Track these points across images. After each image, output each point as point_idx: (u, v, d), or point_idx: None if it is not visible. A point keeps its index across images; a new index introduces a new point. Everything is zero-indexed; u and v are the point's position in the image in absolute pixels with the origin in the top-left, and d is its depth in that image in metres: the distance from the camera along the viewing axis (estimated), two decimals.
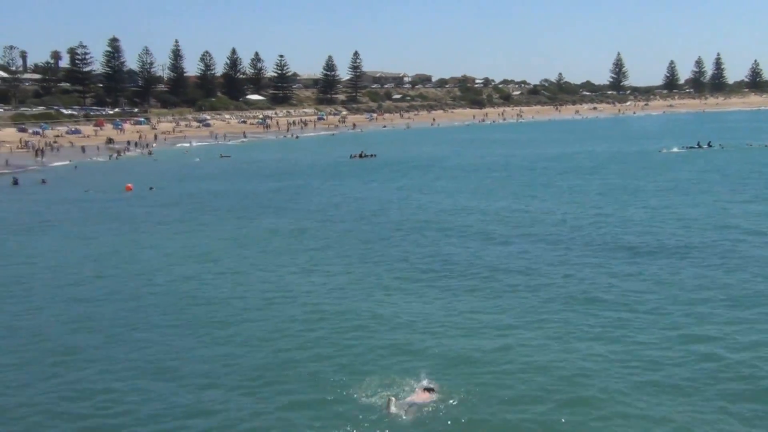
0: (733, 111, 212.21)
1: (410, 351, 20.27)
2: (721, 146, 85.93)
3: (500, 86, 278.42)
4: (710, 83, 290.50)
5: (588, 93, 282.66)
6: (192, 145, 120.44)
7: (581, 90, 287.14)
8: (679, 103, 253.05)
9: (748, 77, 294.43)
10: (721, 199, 45.80)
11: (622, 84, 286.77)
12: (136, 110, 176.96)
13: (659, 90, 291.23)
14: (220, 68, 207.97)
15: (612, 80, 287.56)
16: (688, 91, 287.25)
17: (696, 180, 56.35)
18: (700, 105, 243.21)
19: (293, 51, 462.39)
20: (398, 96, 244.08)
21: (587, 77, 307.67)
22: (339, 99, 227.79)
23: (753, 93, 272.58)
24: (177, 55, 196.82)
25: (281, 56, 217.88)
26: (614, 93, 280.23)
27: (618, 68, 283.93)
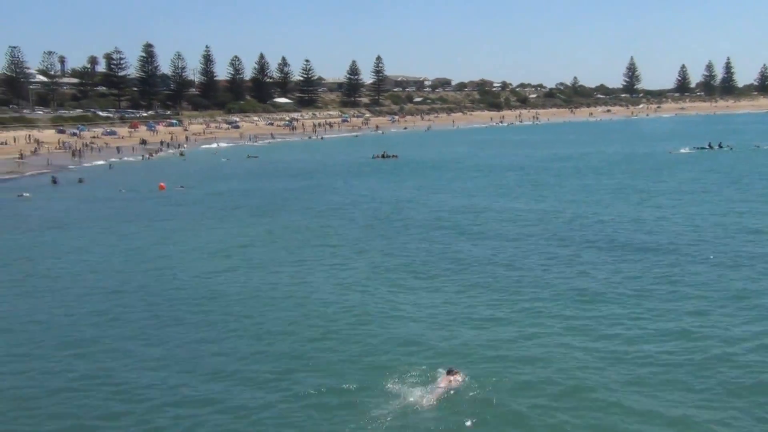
0: (742, 113, 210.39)
1: (429, 342, 20.10)
2: (730, 147, 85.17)
3: (517, 89, 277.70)
4: (720, 86, 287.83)
5: (602, 96, 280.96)
6: (219, 146, 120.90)
7: (595, 93, 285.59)
8: (690, 106, 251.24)
9: (757, 81, 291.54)
10: (727, 199, 45.36)
11: (635, 87, 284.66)
12: (169, 112, 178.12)
13: (671, 93, 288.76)
14: (249, 72, 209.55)
15: (625, 84, 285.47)
16: (699, 94, 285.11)
17: (701, 180, 55.86)
18: (711, 107, 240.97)
19: (318, 55, 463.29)
20: (419, 99, 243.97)
21: (601, 81, 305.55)
22: (362, 102, 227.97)
23: (762, 96, 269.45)
24: (208, 60, 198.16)
25: (307, 61, 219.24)
26: (627, 96, 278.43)
27: (631, 72, 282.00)
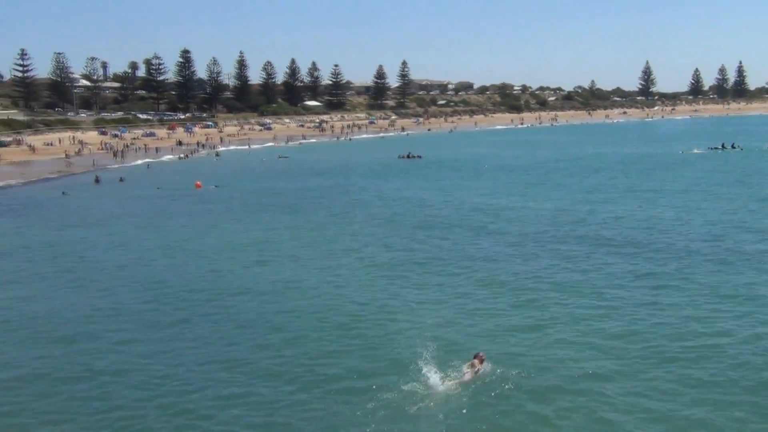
0: (754, 115, 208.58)
1: (451, 336, 19.86)
2: (741, 148, 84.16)
3: (537, 92, 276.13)
4: (733, 89, 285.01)
5: (618, 99, 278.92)
6: (251, 148, 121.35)
7: (612, 96, 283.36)
8: (704, 108, 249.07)
9: None
10: (736, 198, 44.78)
11: (651, 90, 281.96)
12: (205, 115, 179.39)
13: (685, 96, 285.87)
14: (281, 77, 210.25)
15: (641, 87, 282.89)
16: (712, 97, 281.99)
17: (711, 179, 55.29)
18: (723, 110, 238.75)
19: (347, 60, 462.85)
20: (443, 102, 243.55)
21: (618, 84, 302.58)
22: (388, 105, 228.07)
23: None
24: (242, 65, 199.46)
25: (336, 65, 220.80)
26: (643, 99, 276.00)
27: (646, 76, 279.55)
